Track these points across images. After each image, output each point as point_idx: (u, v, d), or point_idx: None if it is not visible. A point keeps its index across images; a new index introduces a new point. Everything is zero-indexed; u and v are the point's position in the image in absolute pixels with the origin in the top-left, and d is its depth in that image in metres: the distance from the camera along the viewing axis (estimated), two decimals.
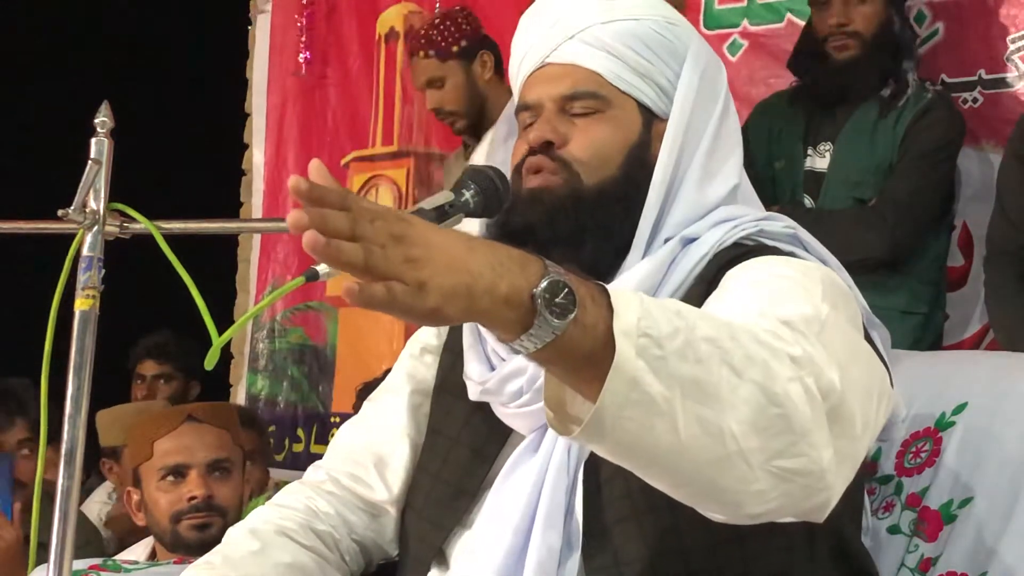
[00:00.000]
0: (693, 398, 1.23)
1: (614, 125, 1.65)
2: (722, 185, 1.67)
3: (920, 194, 3.24)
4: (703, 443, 1.24)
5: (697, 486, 1.29)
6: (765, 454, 1.26)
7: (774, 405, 1.26)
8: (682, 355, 1.22)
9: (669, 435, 1.23)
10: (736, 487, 1.27)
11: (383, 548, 1.78)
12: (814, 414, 1.28)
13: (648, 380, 1.20)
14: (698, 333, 1.25)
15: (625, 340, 1.20)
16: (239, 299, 5.01)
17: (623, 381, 1.20)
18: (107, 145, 1.71)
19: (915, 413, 1.80)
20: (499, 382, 1.61)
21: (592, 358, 1.21)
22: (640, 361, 1.20)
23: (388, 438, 1.77)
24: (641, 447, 1.25)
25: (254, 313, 3.27)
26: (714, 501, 1.31)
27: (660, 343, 1.21)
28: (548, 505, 1.53)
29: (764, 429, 1.25)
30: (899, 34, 3.32)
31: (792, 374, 1.28)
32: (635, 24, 1.67)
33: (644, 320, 1.21)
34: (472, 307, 1.17)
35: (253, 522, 1.76)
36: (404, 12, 4.78)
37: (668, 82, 1.67)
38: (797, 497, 1.30)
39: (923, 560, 1.74)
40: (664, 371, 1.21)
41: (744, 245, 1.60)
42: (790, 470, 1.27)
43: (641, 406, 1.21)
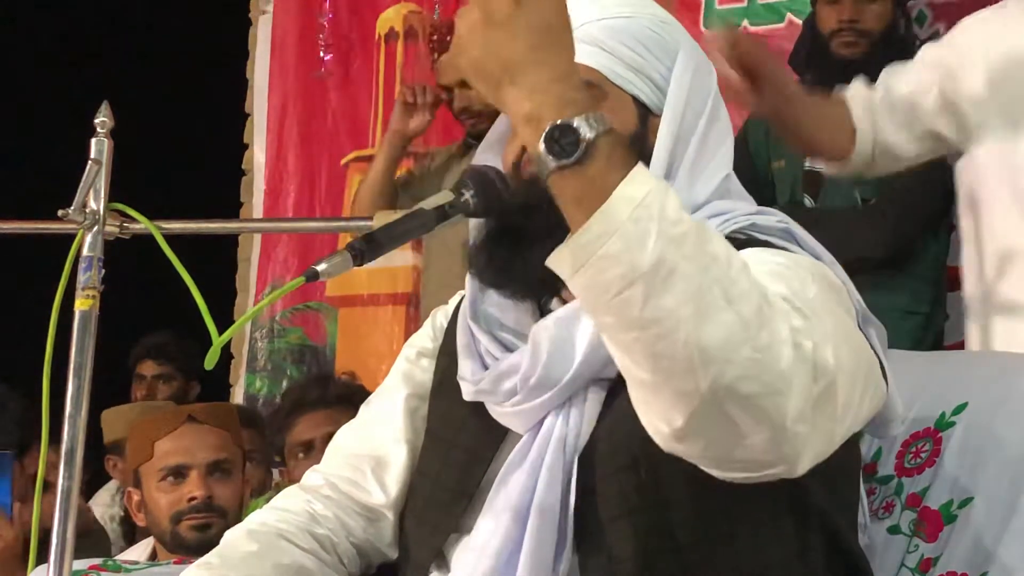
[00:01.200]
0: (668, 285, 1.24)
1: (612, 115, 1.65)
2: (712, 178, 1.67)
3: (920, 194, 3.24)
4: (663, 331, 1.24)
5: (648, 373, 1.28)
6: (717, 385, 1.25)
7: (752, 348, 1.25)
8: (674, 242, 1.24)
9: (634, 306, 1.24)
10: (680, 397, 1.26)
11: (382, 552, 1.78)
12: (796, 381, 1.28)
13: (631, 242, 1.23)
14: (708, 246, 1.27)
15: (622, 200, 1.24)
16: (239, 299, 5.02)
17: (604, 228, 1.24)
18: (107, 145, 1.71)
19: (915, 413, 1.80)
20: (493, 381, 1.61)
21: (584, 206, 1.25)
22: (630, 224, 1.23)
23: (385, 442, 1.77)
24: (602, 302, 1.26)
25: (254, 313, 3.28)
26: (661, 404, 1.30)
27: (657, 219, 1.24)
28: (542, 503, 1.53)
29: (730, 362, 1.25)
30: (904, 35, 3.32)
31: (787, 337, 1.28)
32: (628, 21, 1.67)
33: (653, 196, 1.25)
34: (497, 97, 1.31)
35: (251, 525, 1.76)
36: (404, 12, 4.78)
37: (661, 78, 1.67)
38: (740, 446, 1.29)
39: (923, 560, 1.74)
40: (651, 245, 1.23)
41: (736, 239, 1.59)
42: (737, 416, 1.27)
43: (611, 261, 1.24)
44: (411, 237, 1.54)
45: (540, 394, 1.56)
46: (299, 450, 3.31)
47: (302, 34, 5.03)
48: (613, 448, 1.51)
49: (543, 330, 1.58)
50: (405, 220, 1.52)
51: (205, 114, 5.22)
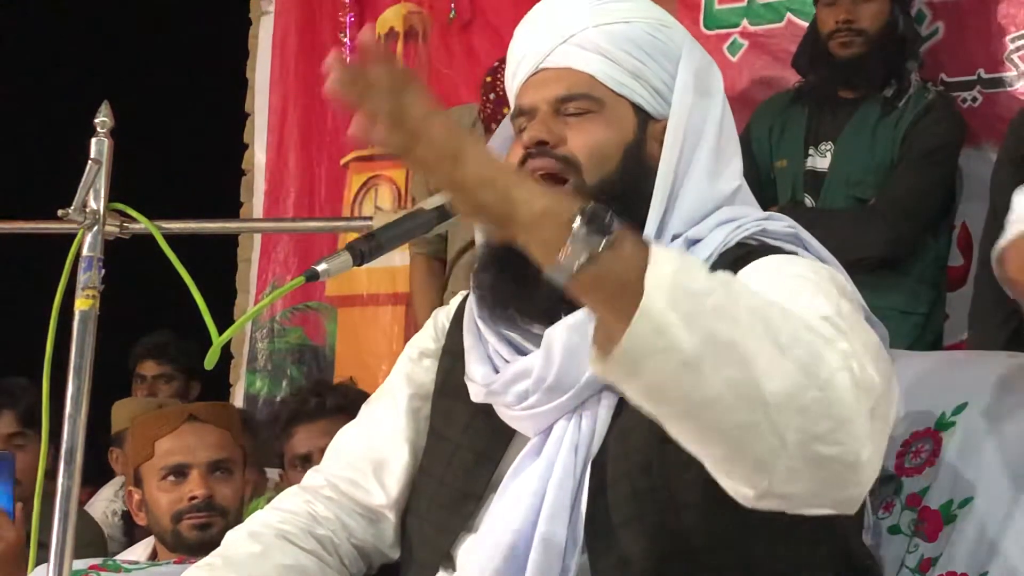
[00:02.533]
0: (724, 358, 1.23)
1: (609, 125, 1.65)
2: (726, 184, 1.68)
3: (920, 194, 3.24)
4: (731, 404, 1.24)
5: (723, 448, 1.29)
6: (801, 434, 1.25)
7: (816, 388, 1.26)
8: (717, 313, 1.24)
9: (696, 390, 1.23)
10: (765, 458, 1.26)
11: (383, 552, 1.78)
12: (858, 406, 1.28)
13: (677, 330, 1.22)
14: (741, 300, 1.27)
15: (656, 288, 1.22)
16: (239, 299, 5.01)
17: (650, 327, 1.22)
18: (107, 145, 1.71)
19: (915, 413, 1.80)
20: (504, 384, 1.61)
21: (623, 296, 1.23)
22: (670, 311, 1.22)
23: (387, 443, 1.77)
24: (668, 396, 1.26)
25: (254, 313, 3.28)
26: (741, 468, 1.30)
27: (694, 298, 1.23)
28: (552, 505, 1.54)
29: (802, 409, 1.25)
30: (903, 33, 3.32)
31: (840, 364, 1.28)
32: (627, 27, 1.67)
33: (681, 273, 1.24)
34: (507, 205, 1.27)
35: (253, 525, 1.76)
36: (404, 12, 4.78)
37: (662, 83, 1.67)
38: (831, 485, 1.30)
39: (923, 560, 1.74)
40: (695, 325, 1.22)
41: (747, 245, 1.60)
42: (826, 456, 1.27)
43: (668, 355, 1.22)
44: (411, 237, 1.54)
45: (553, 398, 1.56)
46: (297, 462, 3.30)
47: (303, 34, 5.03)
48: (625, 452, 1.51)
49: (556, 335, 1.58)
50: (405, 220, 1.52)
51: (205, 114, 5.22)
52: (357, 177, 4.87)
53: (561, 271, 1.24)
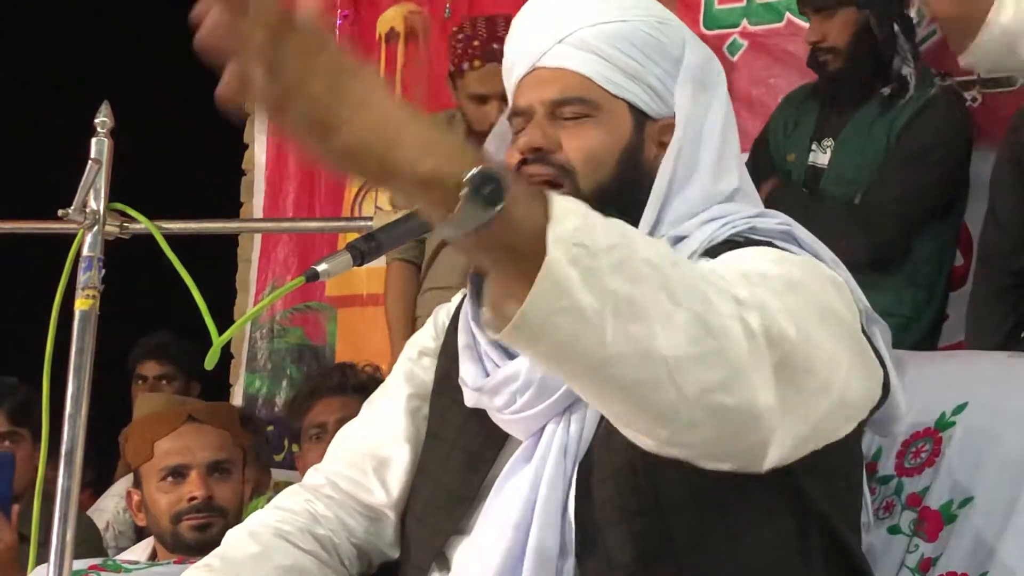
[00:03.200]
0: (624, 315, 1.21)
1: (605, 129, 1.64)
2: (725, 185, 1.67)
3: (906, 200, 3.22)
4: (633, 361, 1.23)
5: (625, 403, 1.29)
6: (699, 385, 1.25)
7: (710, 337, 1.25)
8: (616, 269, 1.21)
9: (597, 347, 1.21)
10: (666, 412, 1.26)
11: (383, 551, 1.78)
12: (753, 354, 1.28)
13: (578, 289, 1.19)
14: (639, 254, 1.24)
15: (558, 246, 1.18)
16: (239, 299, 5.01)
17: (551, 286, 1.18)
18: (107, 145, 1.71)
19: (915, 413, 1.80)
20: (492, 390, 1.61)
21: (519, 256, 1.19)
22: (571, 269, 1.19)
23: (387, 442, 1.77)
24: (570, 356, 1.24)
25: (254, 313, 3.28)
26: (642, 422, 1.30)
27: (595, 254, 1.20)
28: (544, 509, 1.53)
29: (698, 359, 1.25)
30: (880, 36, 3.32)
31: (732, 311, 1.28)
32: (623, 25, 1.66)
33: (582, 229, 1.20)
34: (384, 174, 1.15)
35: (252, 525, 1.76)
36: (404, 12, 4.78)
37: (659, 82, 1.66)
38: (728, 433, 1.30)
39: (923, 560, 1.74)
40: (596, 283, 1.20)
41: (735, 242, 1.59)
42: (724, 405, 1.27)
43: (570, 314, 1.20)
44: (411, 237, 1.53)
45: (539, 402, 1.56)
46: (313, 431, 3.35)
47: None
48: (610, 453, 1.50)
49: None
50: (405, 220, 1.52)
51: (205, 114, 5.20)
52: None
53: (451, 233, 1.17)
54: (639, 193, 1.63)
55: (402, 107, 1.15)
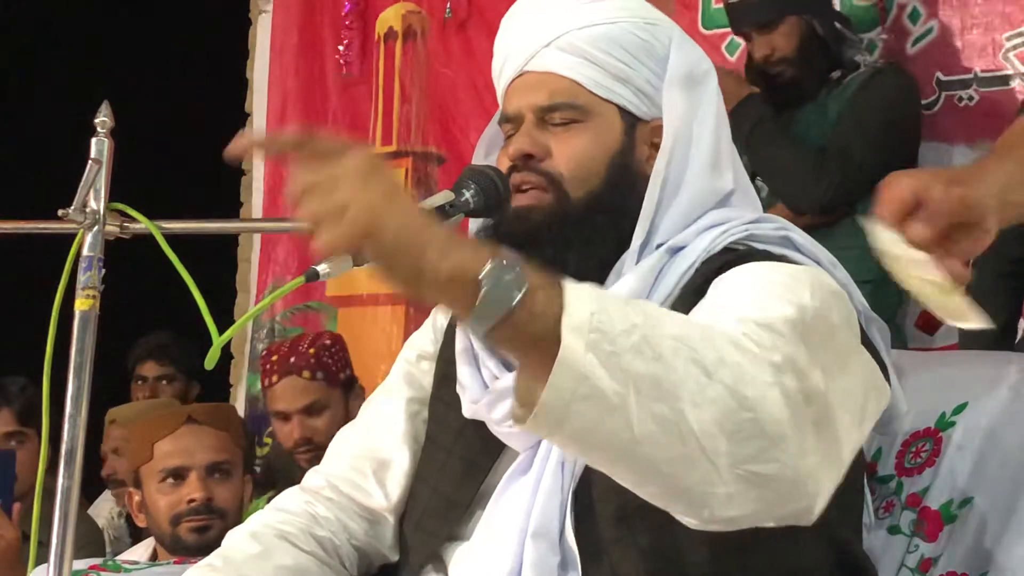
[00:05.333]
0: (649, 395, 1.21)
1: (594, 134, 1.64)
2: (721, 186, 1.66)
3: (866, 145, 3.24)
4: (660, 440, 1.22)
5: (659, 484, 1.28)
6: (733, 457, 1.24)
7: (745, 409, 1.24)
8: (638, 351, 1.21)
9: (624, 431, 1.22)
10: (701, 488, 1.26)
11: (383, 554, 1.77)
12: (793, 420, 1.27)
13: (598, 375, 1.20)
14: (663, 331, 1.24)
15: (574, 334, 1.19)
16: (239, 299, 5.01)
17: (570, 375, 1.19)
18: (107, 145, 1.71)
19: (915, 413, 1.80)
20: (491, 401, 1.61)
21: (541, 347, 1.20)
22: (590, 355, 1.19)
23: (387, 444, 1.77)
24: (597, 440, 1.24)
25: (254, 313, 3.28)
26: (680, 501, 1.30)
27: (613, 339, 1.21)
28: (539, 524, 1.53)
29: (732, 432, 1.24)
30: (824, 34, 3.36)
31: (771, 379, 1.27)
32: (611, 28, 1.65)
33: (597, 315, 1.21)
34: (415, 271, 1.20)
35: (253, 526, 1.76)
36: (403, 12, 4.78)
37: (649, 84, 1.65)
38: (772, 503, 1.29)
39: (923, 560, 1.74)
40: (616, 366, 1.20)
41: (734, 250, 1.59)
42: (762, 475, 1.26)
43: (591, 400, 1.20)
44: None
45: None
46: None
47: (302, 34, 5.03)
48: None
49: None
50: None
51: (205, 114, 5.21)
52: None
53: (475, 329, 1.22)
54: (631, 198, 1.62)
55: (423, 212, 1.24)
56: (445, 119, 4.63)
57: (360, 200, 1.19)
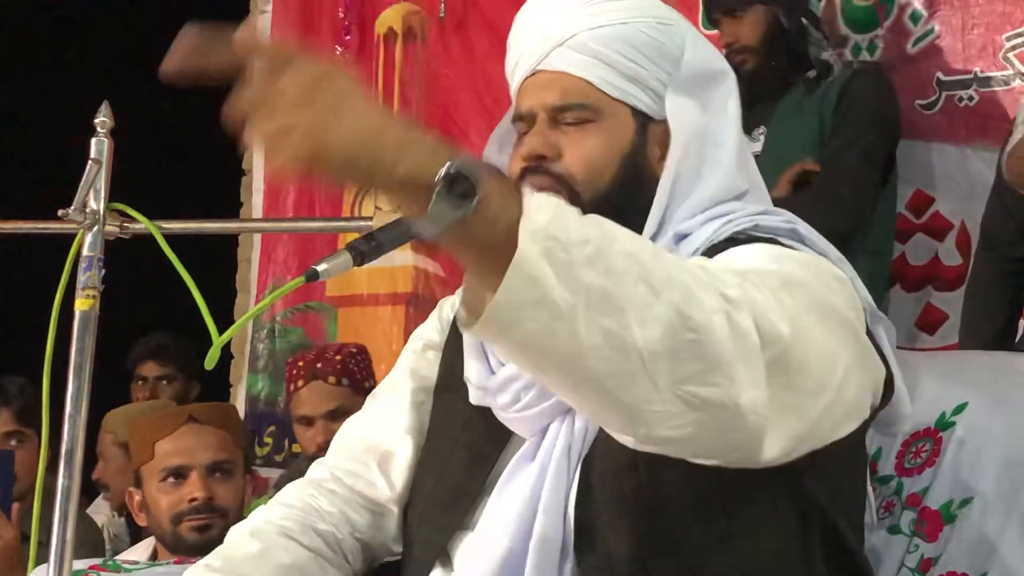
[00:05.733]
0: (598, 308, 1.22)
1: (606, 134, 1.64)
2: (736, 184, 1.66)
3: (865, 162, 3.26)
4: (605, 354, 1.23)
5: (600, 398, 1.28)
6: (672, 375, 1.24)
7: (689, 329, 1.24)
8: (590, 262, 1.21)
9: (570, 341, 1.22)
10: (640, 405, 1.26)
11: (386, 546, 1.78)
12: (739, 350, 1.27)
13: (550, 282, 1.20)
14: (617, 247, 1.24)
15: (529, 239, 1.19)
16: (239, 299, 5.01)
17: (523, 279, 1.19)
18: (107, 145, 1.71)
19: (915, 413, 1.80)
20: (498, 386, 1.61)
21: (494, 252, 1.20)
22: (544, 262, 1.19)
23: (391, 436, 1.77)
24: (541, 349, 1.24)
25: (254, 313, 3.28)
26: (618, 417, 1.30)
27: (568, 247, 1.20)
28: (547, 507, 1.53)
29: (674, 352, 1.24)
30: (789, 28, 3.37)
31: (718, 307, 1.27)
32: (624, 28, 1.65)
33: (555, 223, 1.21)
34: (366, 182, 1.19)
35: (254, 522, 1.76)
36: (403, 12, 4.78)
37: (661, 84, 1.66)
38: (711, 429, 1.29)
39: (923, 560, 1.74)
40: (569, 275, 1.20)
41: (738, 240, 1.59)
42: (701, 397, 1.26)
43: (541, 307, 1.20)
44: (411, 237, 1.53)
45: (543, 400, 1.56)
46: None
47: (302, 34, 5.02)
48: (611, 451, 1.50)
49: None
50: (405, 220, 1.52)
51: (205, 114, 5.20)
52: None
53: (428, 230, 1.20)
54: (641, 198, 1.62)
55: (378, 112, 1.19)
56: (445, 119, 4.63)
57: (304, 119, 1.16)
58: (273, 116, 1.17)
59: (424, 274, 4.64)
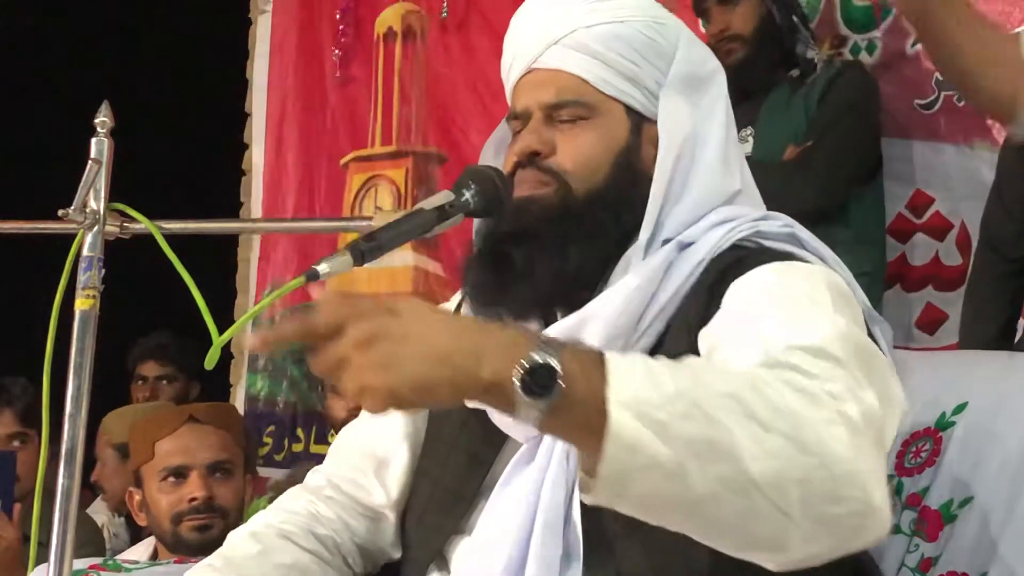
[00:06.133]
0: (707, 457, 1.22)
1: (601, 132, 1.64)
2: (728, 184, 1.67)
3: (843, 147, 3.28)
4: (727, 498, 1.23)
5: (733, 537, 1.28)
6: (803, 504, 1.24)
7: (808, 454, 1.24)
8: (687, 416, 1.22)
9: (687, 494, 1.22)
10: (775, 536, 1.25)
11: (385, 551, 1.78)
12: (858, 451, 1.26)
13: (652, 446, 1.20)
14: (711, 389, 1.24)
15: (621, 409, 1.20)
16: (239, 299, 5.02)
17: (623, 450, 1.20)
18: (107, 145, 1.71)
19: (915, 413, 1.80)
20: None
21: (591, 427, 1.21)
22: (640, 428, 1.20)
23: (388, 442, 1.77)
24: (660, 506, 1.25)
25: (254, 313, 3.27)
26: (756, 550, 1.29)
27: (661, 407, 1.21)
28: (546, 515, 1.53)
29: (799, 480, 1.23)
30: (781, 23, 3.38)
31: (831, 415, 1.26)
32: (620, 26, 1.66)
33: (643, 387, 1.22)
34: (457, 395, 1.22)
35: (254, 526, 1.76)
36: (402, 12, 4.78)
37: (656, 83, 1.66)
38: (850, 536, 1.29)
39: (923, 560, 1.74)
40: (668, 434, 1.21)
41: (742, 247, 1.59)
42: (835, 514, 1.26)
43: (650, 471, 1.21)
44: (411, 237, 1.54)
45: None
46: None
47: (302, 33, 5.03)
48: None
49: None
50: (405, 220, 1.52)
51: (205, 114, 5.22)
52: (357, 177, 4.88)
53: (525, 423, 1.23)
54: (634, 195, 1.63)
55: (447, 330, 1.23)
56: (445, 119, 4.63)
57: (370, 376, 1.20)
58: (346, 377, 1.21)
59: (424, 274, 4.64)
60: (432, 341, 1.21)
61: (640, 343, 1.56)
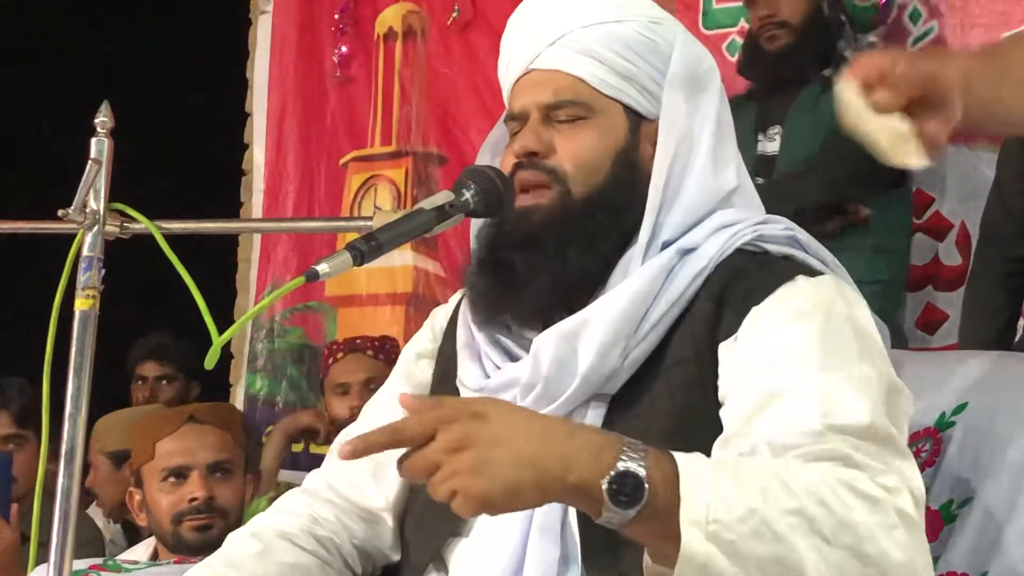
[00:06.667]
0: (772, 573, 1.27)
1: (599, 131, 1.64)
2: (724, 184, 1.66)
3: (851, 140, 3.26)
4: None
5: None
6: None
7: (869, 566, 1.29)
8: (757, 535, 1.26)
9: None
10: None
11: (384, 553, 1.77)
12: (914, 550, 1.32)
13: (720, 564, 1.25)
14: (780, 507, 1.28)
15: (692, 528, 1.24)
16: (239, 299, 5.01)
17: (693, 568, 1.25)
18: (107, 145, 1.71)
19: (915, 413, 1.80)
20: (493, 391, 1.60)
21: (666, 539, 1.26)
22: (710, 547, 1.25)
23: None
24: None
25: (254, 313, 3.28)
26: None
27: (731, 527, 1.25)
28: (543, 518, 1.53)
29: None
30: (829, 18, 3.37)
31: (891, 521, 1.31)
32: (617, 26, 1.66)
33: (714, 505, 1.26)
34: (543, 497, 1.27)
35: (254, 526, 1.76)
36: (403, 12, 4.78)
37: (654, 83, 1.66)
38: None
39: None
40: (737, 554, 1.25)
41: (746, 252, 1.59)
42: None
43: None
44: (411, 237, 1.54)
45: (540, 407, 1.55)
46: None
47: (302, 33, 5.03)
48: None
49: (545, 343, 1.57)
50: (405, 220, 1.52)
51: (205, 114, 5.22)
52: (357, 177, 4.88)
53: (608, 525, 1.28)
54: (633, 195, 1.62)
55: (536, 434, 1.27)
56: (445, 119, 4.64)
57: (461, 481, 1.25)
58: (438, 481, 1.26)
59: (424, 274, 4.65)
60: (520, 446, 1.26)
61: (639, 348, 1.56)
